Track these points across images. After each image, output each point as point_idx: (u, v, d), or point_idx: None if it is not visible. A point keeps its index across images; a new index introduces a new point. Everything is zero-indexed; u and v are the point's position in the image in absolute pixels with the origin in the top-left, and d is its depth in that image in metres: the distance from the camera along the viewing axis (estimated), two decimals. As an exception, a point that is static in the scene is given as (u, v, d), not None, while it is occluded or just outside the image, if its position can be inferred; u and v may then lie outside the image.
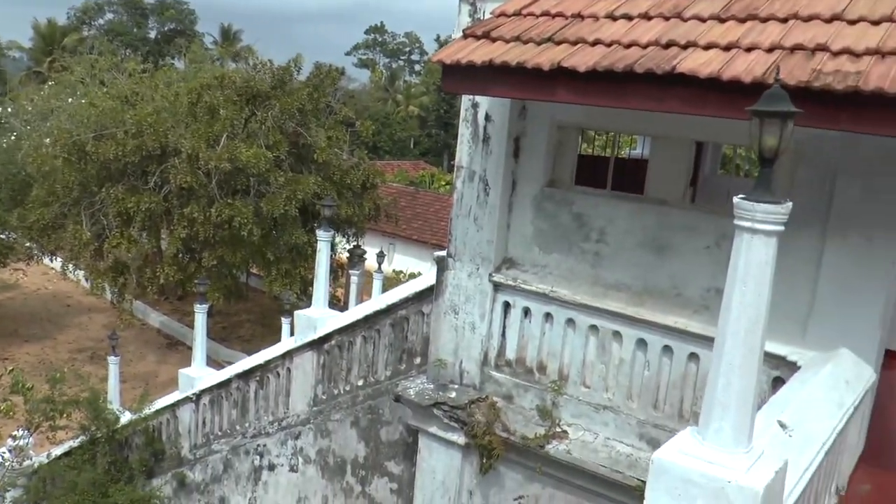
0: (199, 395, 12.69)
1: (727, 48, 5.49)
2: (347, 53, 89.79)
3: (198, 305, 13.26)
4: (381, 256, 22.29)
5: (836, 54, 5.13)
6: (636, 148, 14.21)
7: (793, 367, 6.10)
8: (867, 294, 6.10)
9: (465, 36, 6.71)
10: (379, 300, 10.63)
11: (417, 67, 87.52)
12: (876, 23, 5.35)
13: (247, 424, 11.91)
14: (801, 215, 6.28)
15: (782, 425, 4.52)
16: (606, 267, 7.28)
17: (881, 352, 6.46)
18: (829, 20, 5.51)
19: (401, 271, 31.43)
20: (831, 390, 5.37)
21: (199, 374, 12.95)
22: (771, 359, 6.25)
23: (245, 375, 11.97)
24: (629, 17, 6.23)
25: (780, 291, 6.31)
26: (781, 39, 5.40)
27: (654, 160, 7.33)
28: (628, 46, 5.82)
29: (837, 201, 6.16)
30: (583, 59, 5.77)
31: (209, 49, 57.55)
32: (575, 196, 7.47)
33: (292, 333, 11.81)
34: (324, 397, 10.58)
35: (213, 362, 17.11)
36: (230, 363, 15.86)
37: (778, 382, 6.16)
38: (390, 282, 22.87)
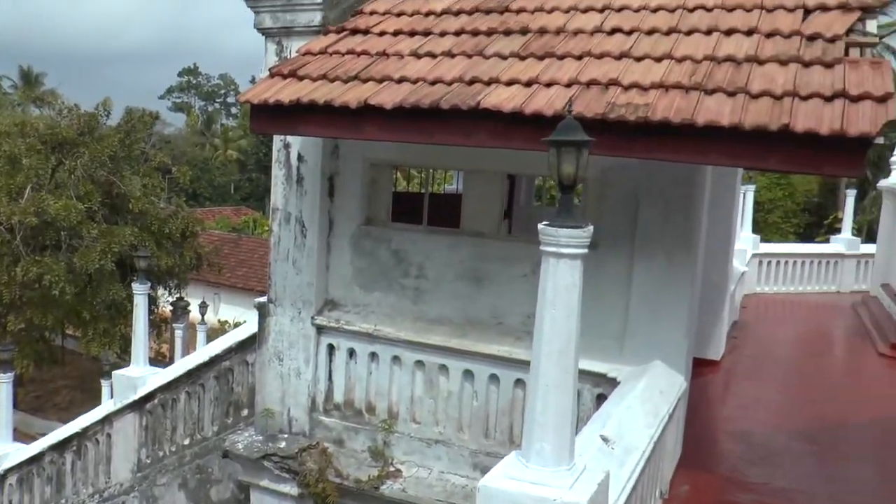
0: (3, 476, 11.63)
1: (528, 84, 5.74)
2: (161, 97, 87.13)
3: (1, 375, 12.19)
4: (203, 307, 21.52)
5: (627, 88, 5.49)
6: (452, 183, 14.55)
7: (613, 382, 6.37)
8: (673, 308, 6.49)
9: (272, 75, 6.64)
10: (201, 353, 10.22)
11: (234, 110, 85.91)
12: (658, 59, 5.78)
13: (63, 501, 11.03)
14: (611, 240, 6.68)
15: (605, 439, 4.69)
16: (428, 301, 7.35)
17: (689, 360, 6.88)
18: (619, 57, 5.90)
19: (226, 321, 30.43)
20: (647, 401, 5.64)
21: (3, 452, 11.87)
22: (592, 377, 6.54)
23: (60, 446, 11.13)
24: (433, 55, 6.39)
25: (597, 312, 6.62)
26: (578, 75, 5.71)
27: (468, 194, 7.51)
28: (434, 83, 5.96)
29: (641, 225, 6.54)
30: (389, 97, 5.84)
31: (7, 94, 53.93)
32: (392, 233, 7.53)
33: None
34: (148, 461, 10.00)
35: (25, 436, 15.76)
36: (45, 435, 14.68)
37: (601, 399, 6.40)
38: (215, 333, 22.06)
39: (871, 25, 6.34)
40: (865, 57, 5.67)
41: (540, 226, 3.54)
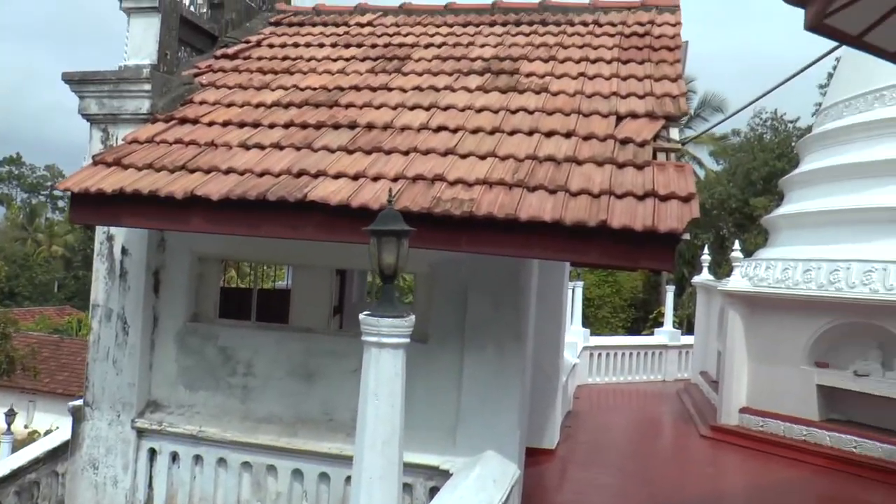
0: None
1: (356, 177, 5.82)
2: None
3: None
4: (10, 415, 19.82)
5: (453, 184, 5.67)
6: (286, 279, 14.37)
7: (446, 475, 6.36)
8: (505, 399, 6.59)
9: (96, 163, 6.41)
10: (1, 465, 9.30)
11: (62, 203, 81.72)
12: (483, 157, 6.03)
13: None
14: (442, 333, 6.76)
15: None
16: (257, 399, 7.12)
17: (522, 449, 6.97)
18: (445, 154, 6.11)
19: (35, 431, 28.00)
20: (480, 491, 5.64)
21: None
22: (425, 470, 6.51)
23: None
24: (262, 147, 6.39)
25: (428, 405, 6.63)
26: (404, 170, 5.85)
27: (297, 289, 7.46)
28: (262, 175, 5.93)
29: (471, 318, 6.67)
30: (216, 188, 5.76)
31: None
32: (220, 329, 7.30)
33: None
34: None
35: None
36: None
37: (434, 492, 6.34)
38: (24, 444, 20.28)
39: (674, 133, 6.89)
40: (671, 161, 6.14)
41: (361, 316, 3.54)
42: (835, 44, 7.08)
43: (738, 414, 12.57)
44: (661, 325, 21.19)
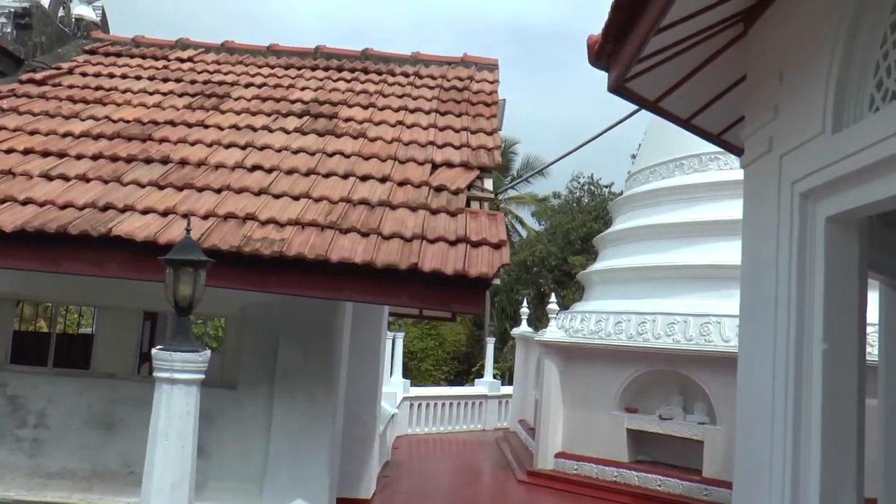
0: None
1: (165, 213, 5.59)
2: None
3: None
4: None
5: (264, 223, 5.56)
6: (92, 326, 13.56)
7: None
8: (315, 447, 6.44)
9: None
10: None
11: None
12: (296, 198, 5.97)
13: None
14: (251, 379, 6.55)
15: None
16: (49, 454, 6.58)
17: (333, 498, 6.82)
18: (258, 193, 6.00)
19: None
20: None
21: None
22: (226, 522, 6.22)
23: None
24: (66, 178, 6.03)
25: (236, 454, 6.38)
26: (216, 207, 5.68)
27: (100, 332, 7.00)
28: (64, 207, 5.58)
29: (281, 363, 6.51)
30: (10, 219, 5.35)
31: None
32: (9, 377, 6.71)
33: None
34: None
35: None
36: None
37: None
38: None
39: (488, 184, 7.11)
40: (483, 209, 6.32)
41: (154, 350, 3.35)
42: (635, 108, 7.57)
43: (554, 458, 12.94)
44: (482, 376, 21.61)
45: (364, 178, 6.39)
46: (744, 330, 5.24)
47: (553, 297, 13.62)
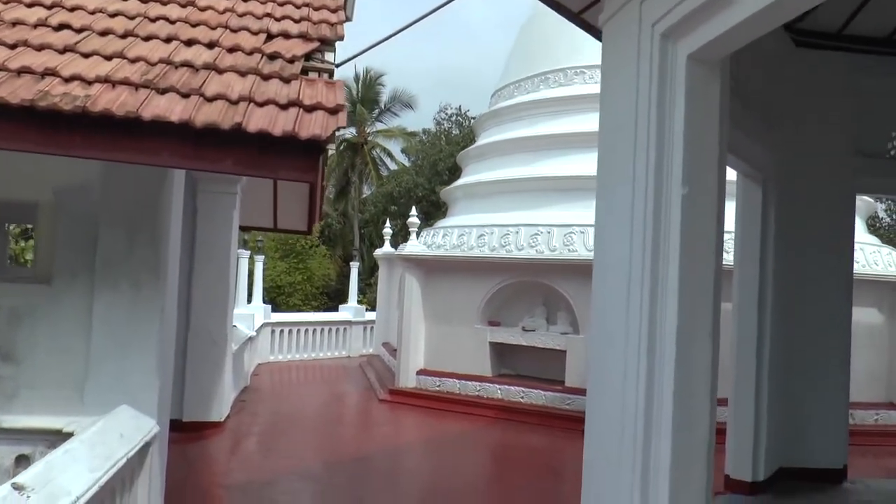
0: None
1: (-62, 69, 4.70)
2: None
3: None
4: None
5: (68, 80, 4.77)
6: None
7: (70, 437, 5.40)
8: (141, 344, 5.76)
9: None
10: None
11: None
12: (109, 58, 5.18)
13: None
14: (68, 272, 5.76)
15: (19, 487, 3.76)
16: None
17: (166, 402, 6.20)
18: (63, 51, 5.15)
19: None
20: (98, 445, 4.79)
21: None
22: (47, 435, 5.51)
23: None
24: None
25: (54, 359, 5.64)
26: (6, 61, 4.84)
27: None
28: None
29: (103, 251, 5.76)
30: None
31: None
32: None
33: None
34: None
35: None
36: None
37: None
38: None
39: (329, 57, 6.49)
40: (322, 78, 5.73)
41: None
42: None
43: (416, 376, 12.68)
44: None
45: (189, 43, 5.63)
46: (602, 194, 4.93)
47: (414, 210, 13.17)
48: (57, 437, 5.54)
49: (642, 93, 4.14)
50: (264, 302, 17.41)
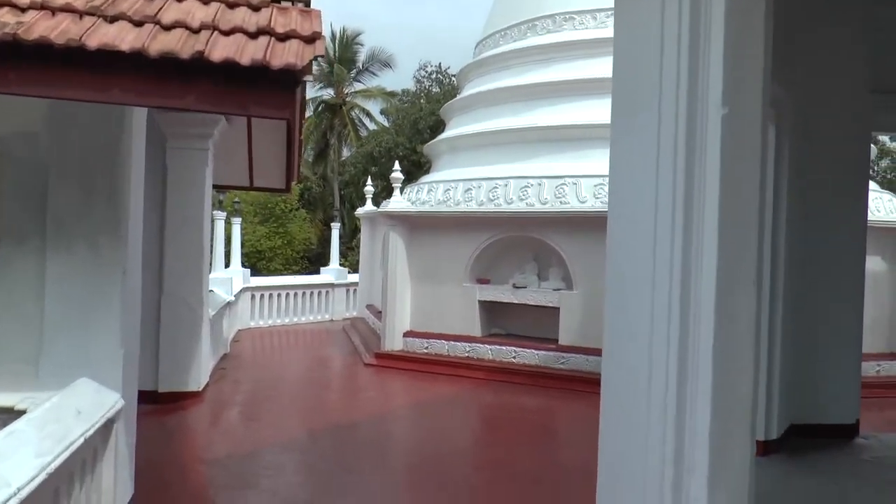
0: None
1: None
2: None
3: None
4: None
5: (-1, 6, 4.15)
6: None
7: (23, 414, 4.83)
8: (101, 310, 5.19)
9: None
10: None
11: None
12: (48, -17, 4.54)
13: None
14: (17, 231, 5.17)
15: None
16: None
17: (132, 374, 5.64)
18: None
19: None
20: (50, 424, 4.23)
21: None
22: (-1, 413, 4.92)
23: None
24: None
25: (6, 328, 5.06)
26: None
27: None
28: None
29: (55, 208, 5.16)
30: None
31: None
32: None
33: None
34: None
35: None
36: None
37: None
38: None
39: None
40: (296, 6, 5.12)
41: None
42: None
43: (403, 338, 12.18)
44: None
45: (143, -32, 4.99)
46: (620, 125, 4.34)
47: (397, 165, 12.53)
48: (9, 416, 4.96)
49: (670, 7, 3.55)
50: (243, 266, 16.80)
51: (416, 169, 31.97)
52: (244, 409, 9.36)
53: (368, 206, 16.84)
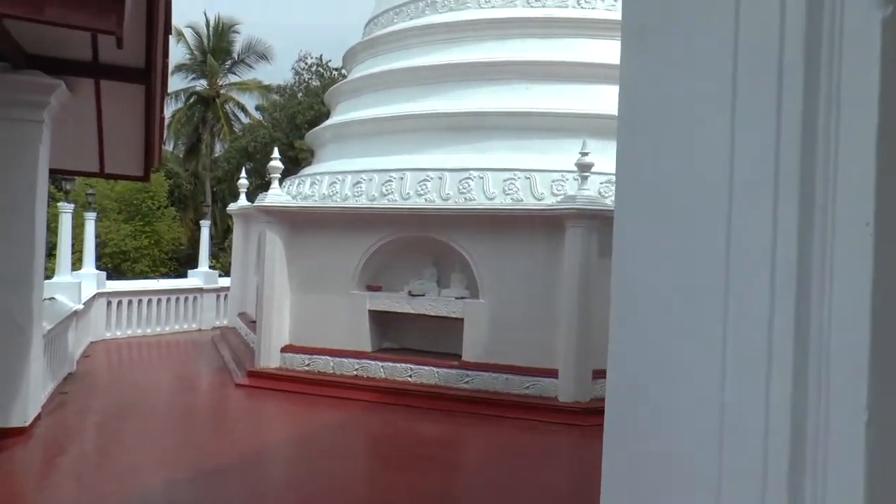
0: None
1: None
2: None
3: None
4: None
5: None
6: None
7: None
8: None
9: None
10: None
11: None
12: None
13: None
14: None
15: None
16: None
17: None
18: None
19: None
20: None
21: None
22: None
23: None
24: None
25: None
26: None
27: None
28: None
29: None
30: None
31: None
32: None
33: None
34: None
35: None
36: None
37: None
38: None
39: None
40: None
41: None
42: None
43: (280, 354, 10.53)
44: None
45: None
46: (640, 35, 2.95)
47: (276, 152, 10.83)
48: None
49: None
50: (99, 268, 14.62)
51: (294, 166, 30.11)
52: (83, 451, 7.54)
53: (242, 201, 14.95)
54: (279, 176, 10.88)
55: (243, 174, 15.48)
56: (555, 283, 9.18)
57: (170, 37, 7.69)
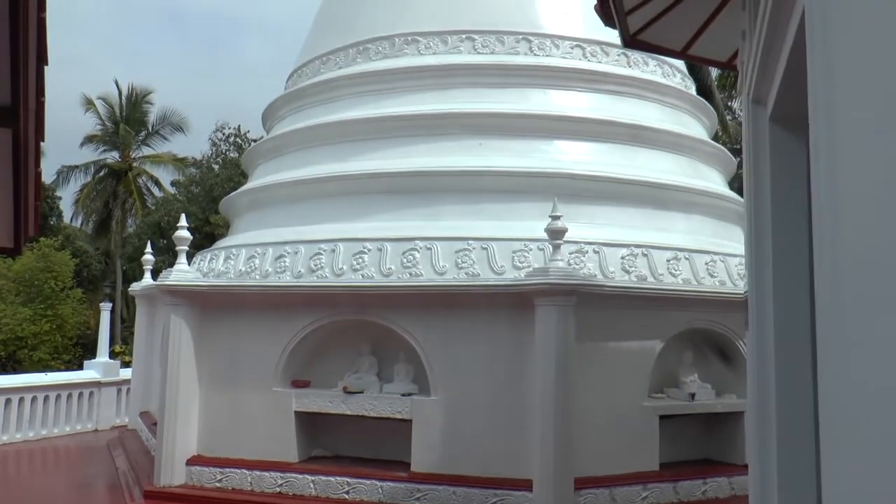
0: None
1: None
2: None
3: None
4: None
5: None
6: None
7: None
8: None
9: None
10: None
11: None
12: None
13: None
14: None
15: None
16: None
17: None
18: None
19: None
20: None
21: None
22: None
23: None
24: None
25: None
26: None
27: None
28: None
29: None
30: None
31: None
32: None
33: None
34: None
35: None
36: None
37: None
38: None
39: None
40: None
41: None
42: None
43: (186, 467, 8.55)
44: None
45: None
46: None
47: (183, 220, 9.05)
48: None
49: None
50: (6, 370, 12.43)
51: (210, 243, 28.13)
52: None
53: (146, 279, 12.98)
54: (187, 248, 9.09)
55: (148, 249, 13.48)
56: (523, 374, 7.61)
57: (45, 68, 6.03)
